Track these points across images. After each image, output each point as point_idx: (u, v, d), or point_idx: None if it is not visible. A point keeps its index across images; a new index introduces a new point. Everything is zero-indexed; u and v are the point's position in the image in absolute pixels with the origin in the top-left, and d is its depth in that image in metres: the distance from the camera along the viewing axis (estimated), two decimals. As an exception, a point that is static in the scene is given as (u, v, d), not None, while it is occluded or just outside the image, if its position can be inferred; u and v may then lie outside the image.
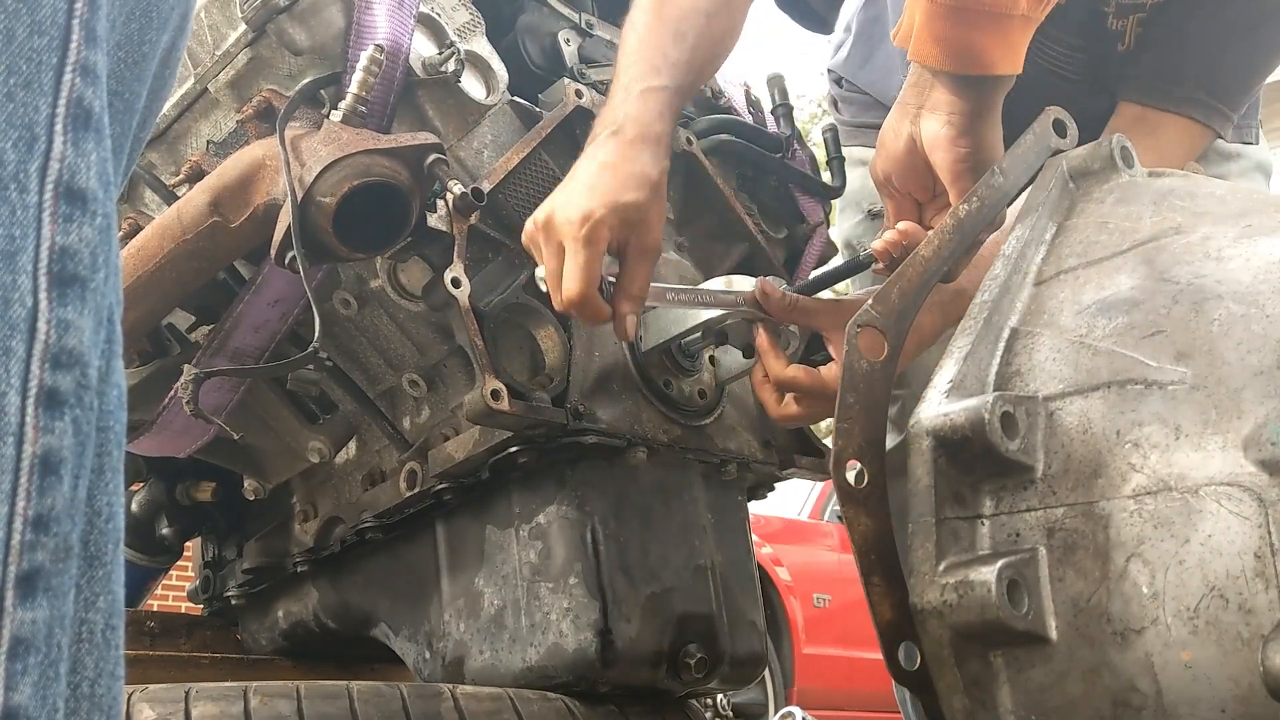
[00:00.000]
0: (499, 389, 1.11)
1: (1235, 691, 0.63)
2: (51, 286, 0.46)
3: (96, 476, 0.49)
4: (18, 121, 0.46)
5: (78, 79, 0.48)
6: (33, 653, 0.44)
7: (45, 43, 0.47)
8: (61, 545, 0.46)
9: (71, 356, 0.46)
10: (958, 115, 1.07)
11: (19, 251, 0.45)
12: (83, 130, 0.48)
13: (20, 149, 0.46)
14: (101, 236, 0.49)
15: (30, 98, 0.46)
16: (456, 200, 1.15)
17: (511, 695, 1.14)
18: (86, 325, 0.47)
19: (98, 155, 0.49)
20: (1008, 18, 1.02)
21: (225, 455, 1.49)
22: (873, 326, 0.83)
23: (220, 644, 1.63)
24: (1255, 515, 0.63)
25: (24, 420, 0.45)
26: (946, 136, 1.07)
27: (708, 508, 1.35)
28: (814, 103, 14.41)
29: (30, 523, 0.44)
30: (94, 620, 0.49)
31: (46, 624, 0.45)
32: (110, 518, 0.50)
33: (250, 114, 1.21)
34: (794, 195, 1.62)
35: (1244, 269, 0.73)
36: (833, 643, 5.26)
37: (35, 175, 0.46)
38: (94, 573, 0.49)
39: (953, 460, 0.73)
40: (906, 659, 0.75)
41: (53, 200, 0.47)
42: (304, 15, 1.18)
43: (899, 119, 1.12)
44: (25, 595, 0.44)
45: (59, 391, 0.46)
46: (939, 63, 1.06)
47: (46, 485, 0.45)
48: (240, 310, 1.25)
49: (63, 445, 0.46)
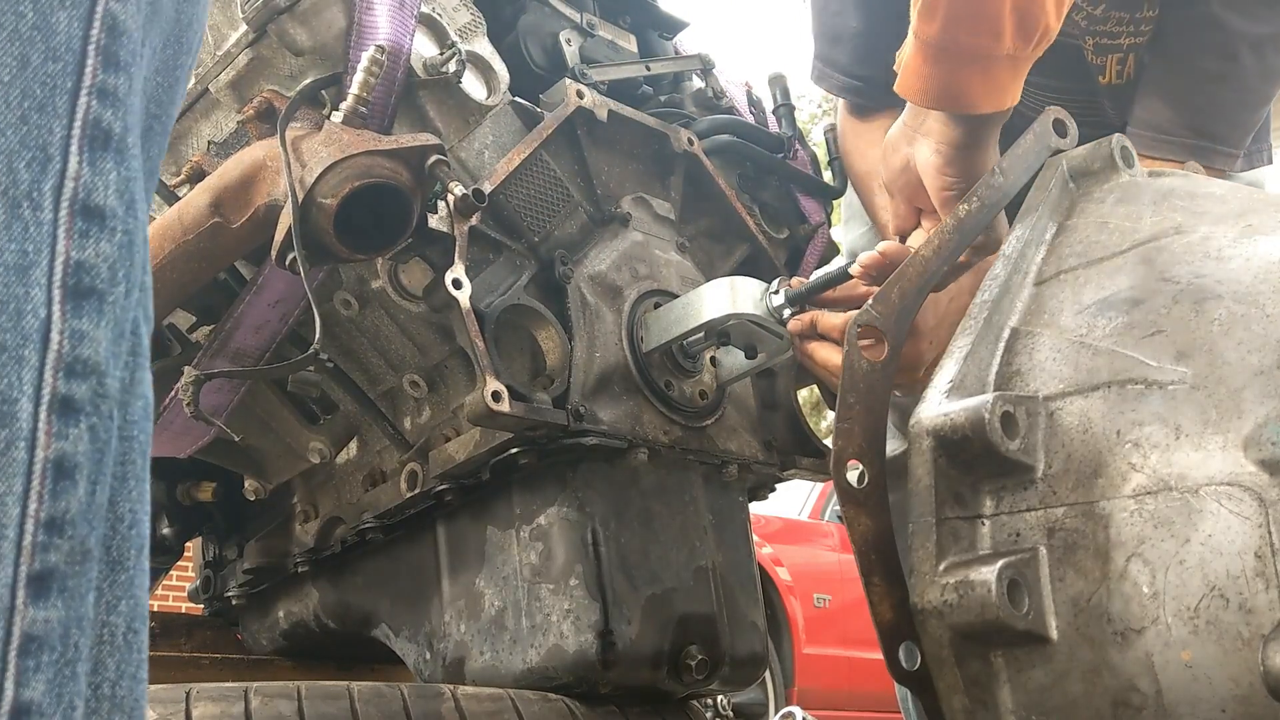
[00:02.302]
0: (500, 390, 1.11)
1: (1235, 691, 0.63)
2: (66, 299, 0.48)
3: (119, 484, 0.51)
4: (31, 143, 0.48)
5: (94, 102, 0.50)
6: (46, 651, 0.45)
7: (60, 68, 0.49)
8: (78, 548, 0.47)
9: (86, 366, 0.48)
10: (946, 146, 1.10)
11: (32, 266, 0.47)
12: (100, 150, 0.50)
13: (34, 169, 0.48)
14: (122, 252, 0.50)
15: (44, 120, 0.49)
16: (458, 201, 1.15)
17: (512, 696, 1.14)
18: (104, 336, 0.49)
19: (118, 174, 0.51)
20: (992, 58, 1.03)
21: (226, 456, 1.49)
22: (873, 326, 0.83)
23: (221, 644, 1.63)
24: (1255, 515, 0.63)
25: (36, 426, 0.46)
26: (935, 165, 1.12)
27: (708, 509, 1.35)
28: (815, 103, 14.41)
29: (43, 524, 0.46)
30: (115, 623, 0.50)
31: (62, 624, 0.46)
32: (133, 524, 0.52)
33: (251, 115, 1.21)
34: (795, 195, 1.62)
35: (1244, 269, 0.74)
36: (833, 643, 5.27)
37: (50, 194, 0.48)
38: (116, 577, 0.51)
39: (953, 460, 0.73)
40: (907, 659, 0.75)
41: (68, 217, 0.49)
42: (305, 15, 1.18)
43: (898, 137, 1.16)
44: (38, 594, 0.45)
45: (73, 399, 0.48)
46: (919, 99, 1.09)
47: (60, 489, 0.47)
48: (241, 311, 1.25)
49: (78, 451, 0.47)
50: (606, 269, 1.31)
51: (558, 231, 1.31)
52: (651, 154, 1.44)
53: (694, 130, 1.47)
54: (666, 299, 1.33)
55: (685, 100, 1.58)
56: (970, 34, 1.03)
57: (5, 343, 0.46)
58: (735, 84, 1.67)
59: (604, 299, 1.29)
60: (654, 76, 1.54)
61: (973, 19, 1.02)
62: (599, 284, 1.29)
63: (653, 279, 1.34)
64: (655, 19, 1.65)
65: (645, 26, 1.64)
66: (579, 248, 1.32)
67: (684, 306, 1.27)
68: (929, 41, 1.04)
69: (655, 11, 1.65)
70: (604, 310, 1.28)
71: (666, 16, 1.66)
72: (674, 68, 1.59)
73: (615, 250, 1.33)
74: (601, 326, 1.27)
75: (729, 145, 1.52)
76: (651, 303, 1.32)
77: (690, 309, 1.26)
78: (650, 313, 1.31)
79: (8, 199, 0.47)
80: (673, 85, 1.60)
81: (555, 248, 1.30)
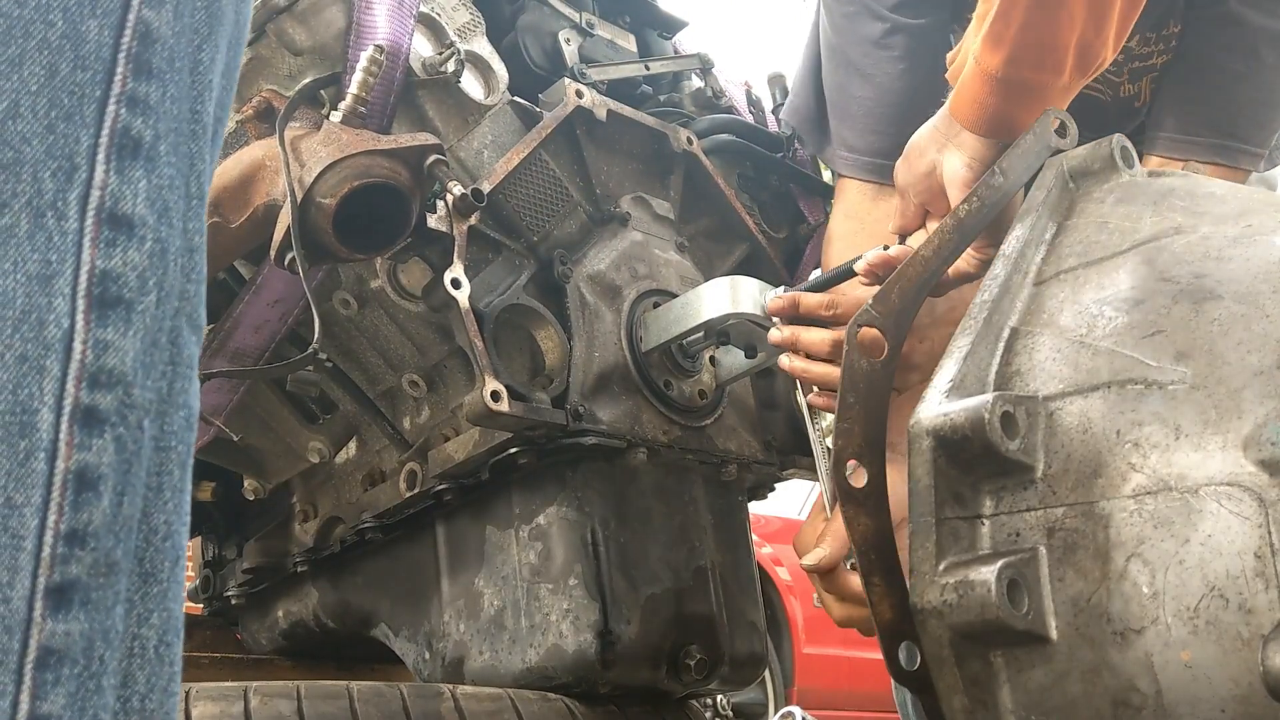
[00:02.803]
0: (499, 390, 1.11)
1: (1235, 691, 0.63)
2: (91, 308, 0.47)
3: (155, 495, 0.50)
4: (57, 152, 0.48)
5: (123, 110, 0.50)
6: (67, 664, 0.45)
7: (89, 77, 0.49)
8: (102, 560, 0.46)
9: (112, 376, 0.47)
10: (978, 162, 1.11)
11: (55, 275, 0.47)
12: (129, 159, 0.50)
13: (59, 178, 0.48)
14: (153, 261, 0.50)
15: (71, 129, 0.48)
16: (456, 201, 1.15)
17: (511, 696, 1.14)
18: (131, 346, 0.48)
19: (149, 182, 0.50)
20: (1049, 89, 1.04)
21: (225, 455, 1.49)
22: (873, 326, 0.83)
23: (220, 644, 1.63)
24: (1255, 515, 0.63)
25: (57, 437, 0.46)
26: (964, 179, 1.11)
27: (708, 508, 1.35)
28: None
29: (63, 536, 0.45)
30: (147, 636, 0.50)
31: (85, 636, 0.45)
32: (168, 536, 0.51)
33: (250, 114, 1.21)
34: (794, 195, 1.62)
35: (1244, 269, 0.73)
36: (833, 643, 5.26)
37: (75, 203, 0.48)
38: (148, 589, 0.50)
39: (953, 460, 0.73)
40: (907, 659, 0.75)
41: (94, 226, 0.48)
42: (304, 15, 1.18)
43: (927, 141, 1.15)
44: (57, 607, 0.45)
45: (97, 410, 0.47)
46: (973, 126, 1.09)
47: (82, 501, 0.46)
48: (240, 311, 1.25)
49: (101, 462, 0.47)
50: (606, 268, 1.31)
51: (557, 231, 1.31)
52: (651, 153, 1.44)
53: (693, 130, 1.47)
54: (666, 298, 1.33)
55: (684, 100, 1.58)
56: (1035, 69, 1.04)
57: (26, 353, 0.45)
58: (735, 84, 1.67)
59: (603, 299, 1.29)
60: (653, 76, 1.54)
61: (1039, 54, 1.03)
62: (598, 284, 1.29)
63: (652, 279, 1.34)
64: (654, 18, 1.65)
65: (644, 26, 1.64)
66: (578, 247, 1.32)
67: (683, 306, 1.27)
68: (992, 73, 1.05)
69: (654, 11, 1.65)
70: (603, 310, 1.28)
71: (666, 16, 1.66)
72: (673, 67, 1.59)
73: (614, 250, 1.33)
74: (601, 326, 1.27)
75: (728, 145, 1.52)
76: (651, 302, 1.32)
77: (689, 308, 1.25)
78: (649, 312, 1.31)
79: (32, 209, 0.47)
80: (672, 85, 1.60)
81: (554, 247, 1.30)
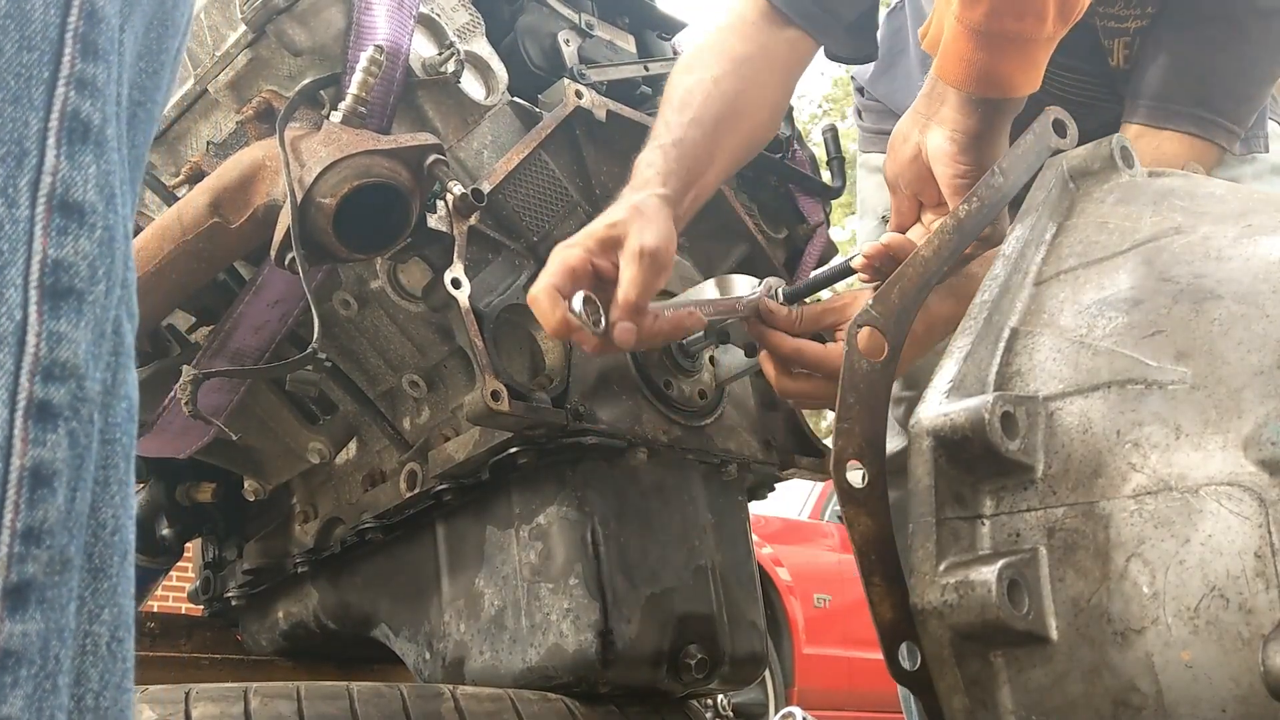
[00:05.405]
0: (499, 390, 1.11)
1: (1235, 691, 0.63)
2: (43, 299, 0.46)
3: (101, 489, 0.49)
4: (6, 137, 0.46)
5: (72, 93, 0.48)
6: (25, 665, 0.44)
7: (35, 57, 0.47)
8: (57, 558, 0.45)
9: (65, 369, 0.46)
10: (961, 134, 1.09)
11: (7, 265, 0.45)
12: (79, 143, 0.48)
13: (9, 164, 0.46)
14: (102, 249, 0.48)
15: (19, 112, 0.46)
16: (456, 201, 1.15)
17: (512, 696, 1.14)
18: (83, 338, 0.47)
19: (98, 168, 0.49)
20: (1033, 40, 1.03)
21: (225, 456, 1.49)
22: (873, 326, 0.83)
23: (220, 645, 1.63)
24: (1255, 515, 0.63)
25: (12, 433, 0.44)
26: (949, 153, 1.10)
27: (708, 508, 1.35)
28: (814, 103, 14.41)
29: (20, 535, 0.44)
30: (99, 633, 0.48)
31: (41, 636, 0.44)
32: (116, 530, 0.50)
33: (250, 115, 1.21)
34: (794, 195, 1.62)
35: (1244, 269, 0.73)
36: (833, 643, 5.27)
37: (26, 189, 0.46)
38: (98, 585, 0.49)
39: (953, 460, 0.73)
40: (907, 659, 0.75)
41: (45, 214, 0.46)
42: (304, 16, 1.18)
43: (909, 126, 1.14)
44: (15, 607, 0.44)
45: (51, 404, 0.45)
46: (962, 84, 1.08)
47: (38, 498, 0.45)
48: (240, 311, 1.25)
49: (56, 458, 0.45)
50: (606, 269, 1.31)
51: (556, 231, 1.31)
52: (651, 154, 1.43)
53: (693, 130, 1.47)
54: (665, 298, 1.33)
55: (684, 100, 1.58)
56: (1016, 19, 1.03)
57: None
58: (734, 84, 1.66)
59: (603, 299, 1.29)
60: (652, 77, 1.54)
61: (1019, 3, 1.02)
62: (598, 284, 1.29)
63: (652, 279, 1.34)
64: (654, 19, 1.65)
65: (644, 27, 1.64)
66: (578, 248, 1.32)
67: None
68: (974, 27, 1.04)
69: (654, 12, 1.65)
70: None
71: (665, 17, 1.66)
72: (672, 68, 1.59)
73: (614, 250, 1.33)
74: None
75: (728, 145, 1.52)
76: (651, 302, 1.32)
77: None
78: (650, 312, 1.31)
79: None
80: (672, 85, 1.60)
81: (554, 247, 1.30)
